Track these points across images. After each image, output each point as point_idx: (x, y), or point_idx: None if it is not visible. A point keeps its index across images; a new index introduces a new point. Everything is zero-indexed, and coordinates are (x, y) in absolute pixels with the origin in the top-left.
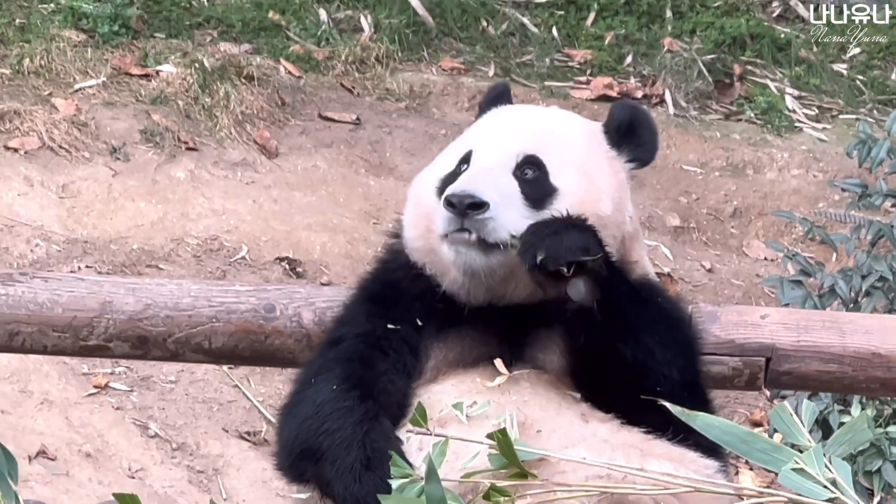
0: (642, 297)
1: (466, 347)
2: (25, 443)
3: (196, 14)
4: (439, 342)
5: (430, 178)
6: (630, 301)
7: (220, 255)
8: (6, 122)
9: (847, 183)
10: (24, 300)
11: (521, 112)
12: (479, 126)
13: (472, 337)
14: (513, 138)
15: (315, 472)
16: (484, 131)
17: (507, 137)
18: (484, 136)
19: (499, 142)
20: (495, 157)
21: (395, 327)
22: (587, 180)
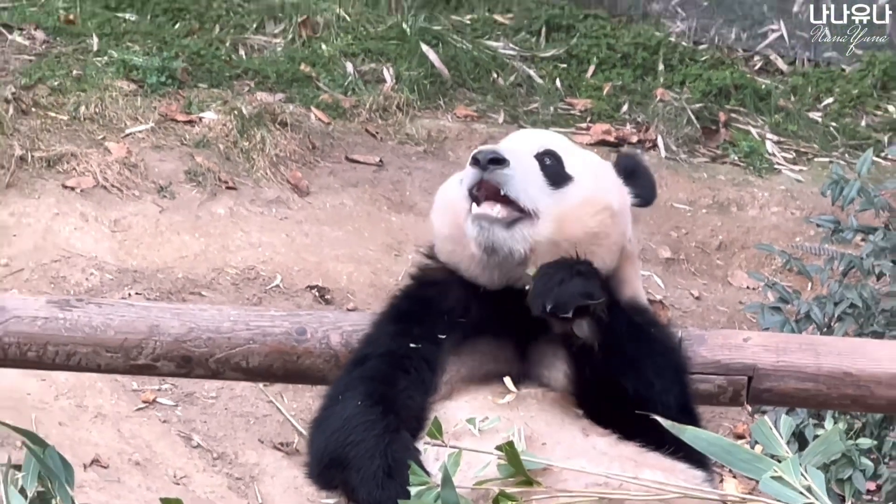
0: (641, 332)
1: (477, 364)
2: (81, 452)
3: (235, 66)
4: (454, 357)
5: (452, 182)
6: (631, 339)
7: (256, 283)
8: (64, 163)
9: (821, 219)
10: (80, 324)
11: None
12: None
13: (482, 353)
14: (533, 136)
15: (342, 479)
16: (505, 141)
17: (527, 136)
18: (506, 142)
19: (520, 138)
20: (517, 145)
21: (417, 346)
22: (599, 178)
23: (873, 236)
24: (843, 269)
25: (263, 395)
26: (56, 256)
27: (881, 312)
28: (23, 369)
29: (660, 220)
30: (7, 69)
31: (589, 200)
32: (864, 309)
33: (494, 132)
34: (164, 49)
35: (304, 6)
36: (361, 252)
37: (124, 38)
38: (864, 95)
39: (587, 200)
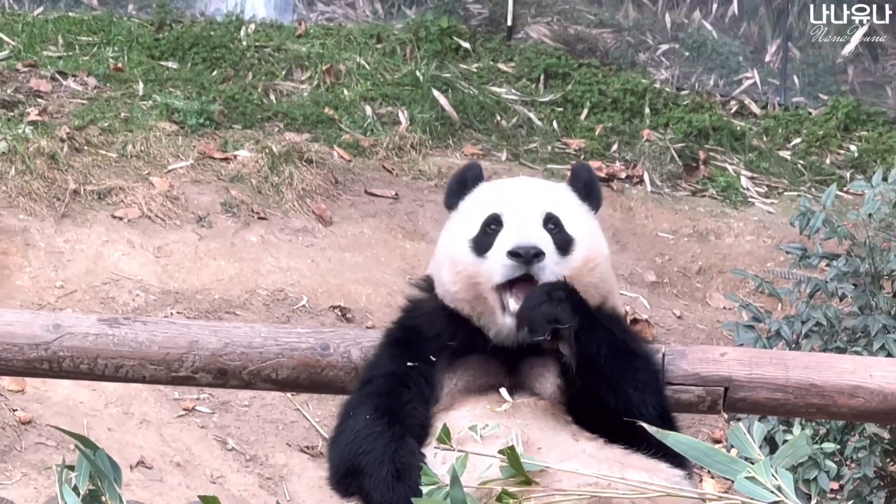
0: (619, 349)
1: (473, 377)
2: (127, 454)
3: (266, 109)
4: (450, 373)
5: (459, 241)
6: (609, 357)
7: (285, 303)
8: (113, 195)
9: (790, 247)
10: (127, 339)
11: (517, 182)
12: (485, 197)
13: (475, 368)
14: (532, 201)
15: (358, 485)
16: (499, 199)
17: (527, 201)
18: (503, 202)
19: (522, 205)
20: (527, 217)
21: (414, 364)
22: (588, 228)
23: (837, 262)
24: (810, 292)
25: (291, 403)
26: (106, 279)
27: (843, 330)
28: (76, 380)
29: (645, 248)
30: (62, 112)
31: (589, 258)
32: (828, 327)
33: (498, 168)
34: (203, 94)
35: (328, 56)
36: (379, 276)
37: (167, 84)
38: (828, 136)
39: (588, 259)
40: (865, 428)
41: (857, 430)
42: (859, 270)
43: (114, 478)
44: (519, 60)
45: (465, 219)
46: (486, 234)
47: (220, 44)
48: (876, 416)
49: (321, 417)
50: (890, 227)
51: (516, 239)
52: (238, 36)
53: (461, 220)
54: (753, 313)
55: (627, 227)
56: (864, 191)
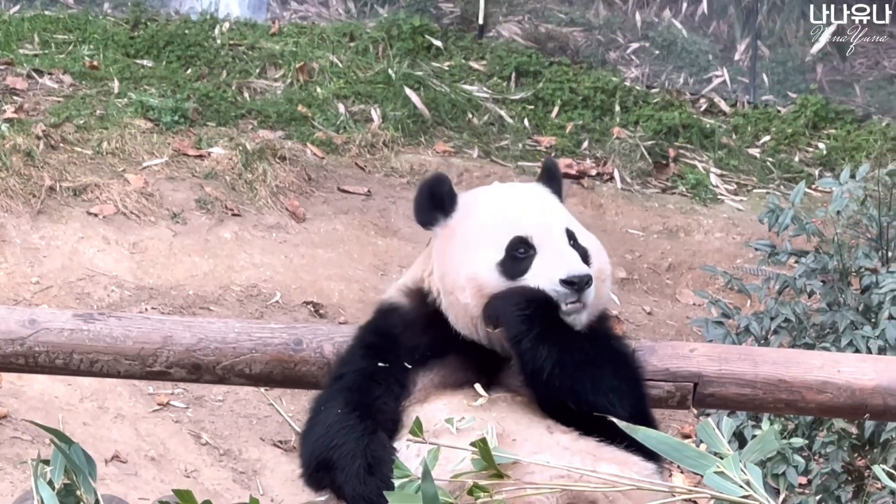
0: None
1: (448, 373)
2: (102, 449)
3: (240, 107)
4: (425, 370)
5: (485, 266)
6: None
7: (258, 299)
8: (88, 192)
9: (759, 244)
10: (102, 335)
11: (518, 195)
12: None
13: (453, 366)
14: (552, 219)
15: (330, 479)
16: (516, 219)
17: (549, 219)
18: (524, 223)
19: (547, 225)
20: (560, 240)
21: (385, 365)
22: (588, 235)
23: (805, 259)
24: (779, 288)
25: (264, 398)
26: (81, 275)
27: (812, 326)
28: (51, 375)
29: (616, 244)
30: (38, 109)
31: (602, 269)
32: (796, 323)
33: (469, 166)
34: (177, 91)
35: (301, 54)
36: (351, 272)
37: (142, 81)
38: (797, 134)
39: (601, 270)
40: (833, 423)
41: (825, 425)
42: (828, 267)
43: (89, 472)
44: (490, 59)
45: (480, 241)
46: (514, 258)
47: (195, 42)
48: (844, 412)
49: (294, 412)
50: (858, 224)
51: (568, 268)
52: (212, 34)
53: (472, 241)
54: (723, 309)
55: (598, 224)
56: (832, 188)
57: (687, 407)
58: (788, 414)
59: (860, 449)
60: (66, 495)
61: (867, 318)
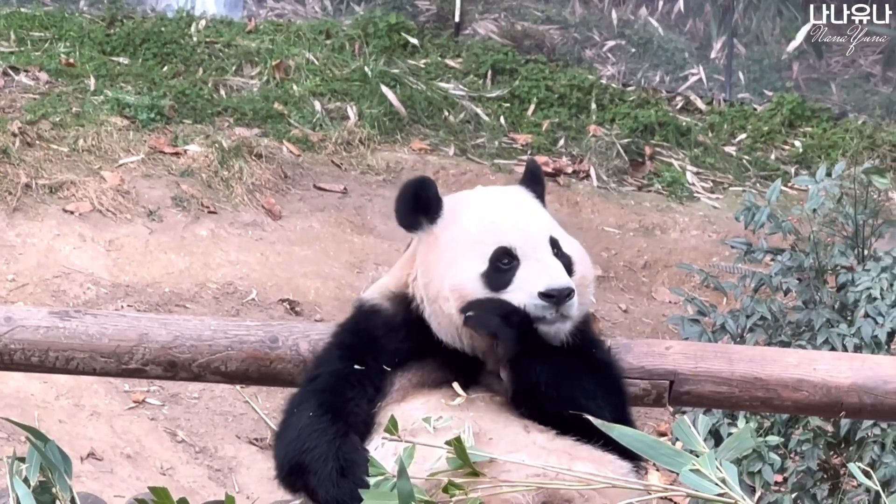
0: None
1: (426, 373)
2: (78, 446)
3: (216, 104)
4: (402, 371)
5: (468, 277)
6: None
7: (234, 297)
8: (64, 190)
9: (735, 241)
10: (78, 332)
11: (502, 201)
12: (480, 225)
13: (431, 366)
14: (536, 228)
15: (303, 482)
16: (501, 228)
17: (533, 229)
18: (508, 232)
19: (531, 235)
20: (543, 251)
21: (361, 368)
22: (571, 241)
23: (781, 257)
24: (755, 286)
25: (240, 395)
26: (57, 272)
27: (788, 324)
28: (27, 372)
29: (592, 242)
30: (14, 106)
31: (585, 276)
32: (772, 321)
33: (445, 163)
34: (154, 89)
35: (277, 51)
36: (327, 269)
37: (118, 79)
38: (773, 132)
39: (584, 276)
40: (809, 421)
41: (800, 423)
42: (803, 265)
43: (64, 469)
44: (466, 56)
45: (465, 251)
46: (498, 269)
47: (171, 39)
48: (819, 410)
49: (270, 410)
50: (834, 222)
51: (548, 281)
52: (188, 32)
53: (456, 250)
54: (698, 307)
55: (574, 222)
56: (808, 186)
57: (663, 405)
58: (764, 412)
59: (836, 447)
60: (41, 493)
61: (843, 316)
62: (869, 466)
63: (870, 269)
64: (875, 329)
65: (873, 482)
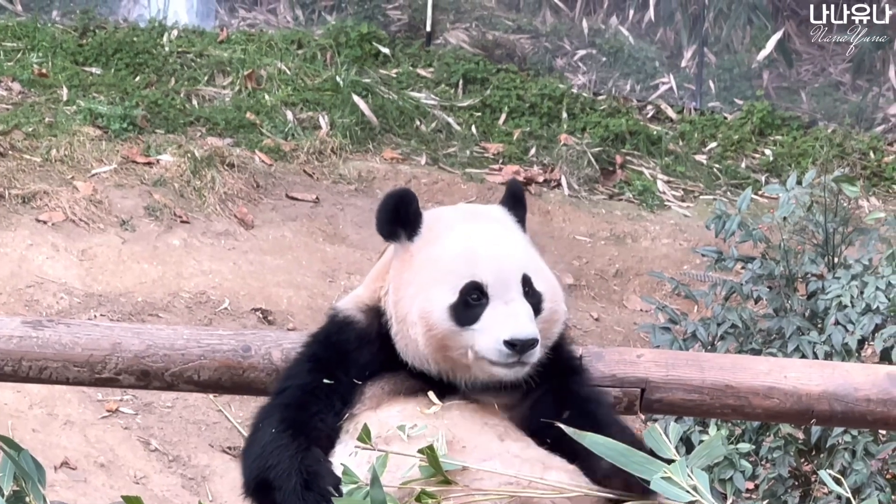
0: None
1: (401, 381)
2: (52, 455)
3: (189, 114)
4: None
5: (436, 307)
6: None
7: (207, 306)
8: (37, 199)
9: (706, 250)
10: (51, 342)
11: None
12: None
13: (405, 376)
14: (509, 264)
15: (270, 498)
16: (474, 261)
17: (505, 265)
18: (481, 267)
19: (504, 273)
20: (513, 291)
21: (330, 382)
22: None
23: (751, 265)
24: (725, 294)
25: (213, 404)
26: (30, 282)
27: (758, 332)
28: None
29: (563, 251)
30: None
31: (554, 311)
32: (743, 329)
33: (417, 173)
34: (126, 99)
35: (249, 61)
36: (300, 278)
37: (91, 89)
38: (743, 140)
39: (553, 311)
40: (780, 428)
41: (771, 430)
42: (774, 273)
43: (38, 478)
44: (438, 66)
45: (436, 277)
46: (467, 304)
47: (143, 49)
48: (790, 417)
49: (243, 418)
50: (804, 230)
51: (513, 330)
52: (161, 42)
53: (429, 275)
54: (670, 315)
55: (545, 231)
56: (778, 194)
57: (634, 413)
58: (735, 419)
59: (807, 454)
60: (15, 502)
61: (813, 324)
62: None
63: (840, 277)
64: (845, 336)
65: (844, 489)
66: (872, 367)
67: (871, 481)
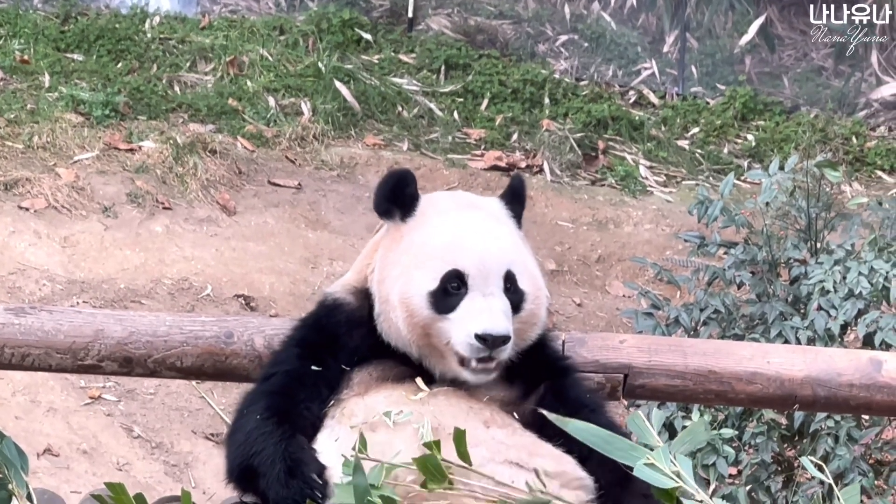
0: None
1: (390, 367)
2: (34, 442)
3: (171, 101)
4: (364, 367)
5: (417, 293)
6: None
7: (189, 292)
8: (19, 186)
9: (688, 235)
10: (33, 329)
11: (471, 218)
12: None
13: (393, 363)
14: (494, 259)
15: (253, 485)
16: (459, 250)
17: (489, 257)
18: (465, 256)
19: (486, 265)
20: (493, 285)
21: (318, 369)
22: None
23: (734, 250)
24: (708, 279)
25: (196, 391)
26: (12, 269)
27: (741, 317)
28: None
29: (546, 236)
30: None
31: (534, 312)
32: (726, 314)
33: (399, 158)
34: (108, 85)
35: (231, 48)
36: (282, 265)
37: (73, 76)
38: (726, 126)
39: (533, 312)
40: (763, 414)
41: (754, 416)
42: (756, 258)
43: (21, 466)
44: (420, 52)
45: (420, 262)
46: (446, 292)
47: (125, 36)
48: (773, 402)
49: (226, 405)
50: (787, 215)
51: (486, 324)
52: (143, 28)
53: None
54: (652, 301)
55: (527, 216)
56: (761, 180)
57: (617, 398)
58: (718, 405)
59: (790, 440)
60: None
61: (796, 309)
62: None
63: (823, 262)
64: (828, 322)
65: (826, 475)
66: (855, 352)
67: (854, 466)
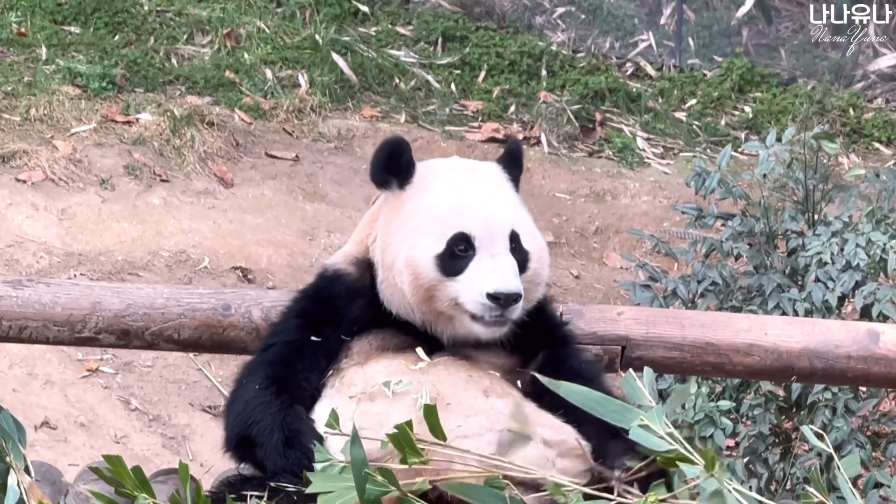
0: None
1: (390, 336)
2: (32, 415)
3: (168, 73)
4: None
5: (423, 256)
6: None
7: (187, 265)
8: (17, 159)
9: (686, 207)
10: (30, 301)
11: (471, 180)
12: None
13: (393, 332)
14: (499, 220)
15: (251, 455)
16: (463, 212)
17: (494, 218)
18: (470, 218)
19: (492, 226)
20: (500, 246)
21: (318, 339)
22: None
23: (731, 222)
24: (705, 251)
25: (193, 363)
26: (10, 242)
27: (739, 289)
28: None
29: (543, 208)
30: None
31: (539, 271)
32: (723, 286)
33: (397, 131)
34: (105, 58)
35: (228, 20)
36: (279, 237)
37: (70, 48)
38: (723, 97)
39: (537, 271)
40: (761, 385)
41: (752, 387)
42: (754, 230)
43: (18, 438)
44: (417, 24)
45: (425, 226)
46: (453, 254)
47: (122, 8)
48: (771, 374)
49: (223, 377)
50: (784, 187)
51: (498, 283)
52: (140, 0)
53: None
54: (650, 273)
55: (525, 188)
56: (758, 151)
57: (615, 370)
58: (716, 376)
59: (787, 411)
60: None
61: (794, 281)
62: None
63: (820, 234)
64: (826, 294)
65: (826, 444)
66: (853, 323)
67: (852, 438)
